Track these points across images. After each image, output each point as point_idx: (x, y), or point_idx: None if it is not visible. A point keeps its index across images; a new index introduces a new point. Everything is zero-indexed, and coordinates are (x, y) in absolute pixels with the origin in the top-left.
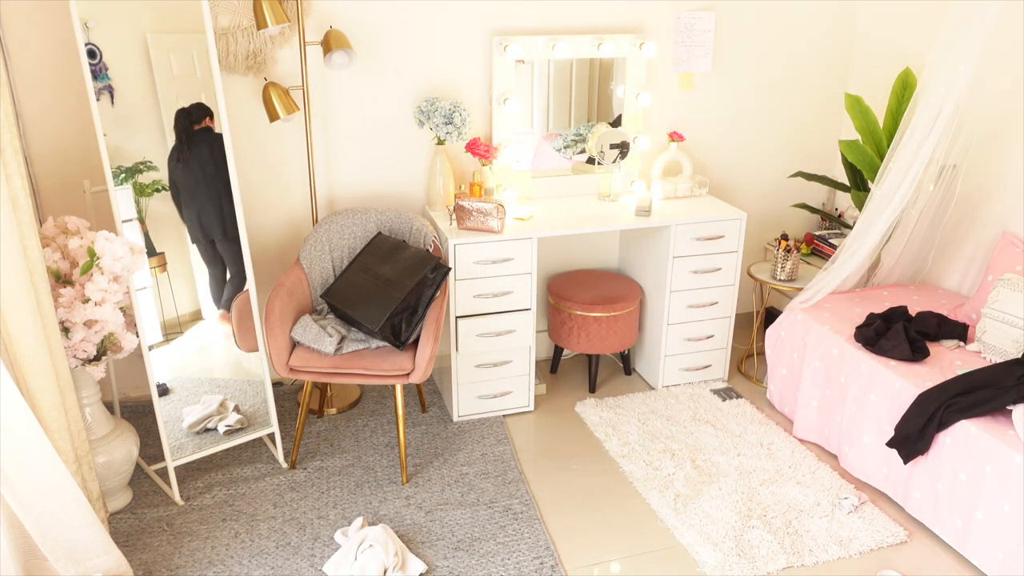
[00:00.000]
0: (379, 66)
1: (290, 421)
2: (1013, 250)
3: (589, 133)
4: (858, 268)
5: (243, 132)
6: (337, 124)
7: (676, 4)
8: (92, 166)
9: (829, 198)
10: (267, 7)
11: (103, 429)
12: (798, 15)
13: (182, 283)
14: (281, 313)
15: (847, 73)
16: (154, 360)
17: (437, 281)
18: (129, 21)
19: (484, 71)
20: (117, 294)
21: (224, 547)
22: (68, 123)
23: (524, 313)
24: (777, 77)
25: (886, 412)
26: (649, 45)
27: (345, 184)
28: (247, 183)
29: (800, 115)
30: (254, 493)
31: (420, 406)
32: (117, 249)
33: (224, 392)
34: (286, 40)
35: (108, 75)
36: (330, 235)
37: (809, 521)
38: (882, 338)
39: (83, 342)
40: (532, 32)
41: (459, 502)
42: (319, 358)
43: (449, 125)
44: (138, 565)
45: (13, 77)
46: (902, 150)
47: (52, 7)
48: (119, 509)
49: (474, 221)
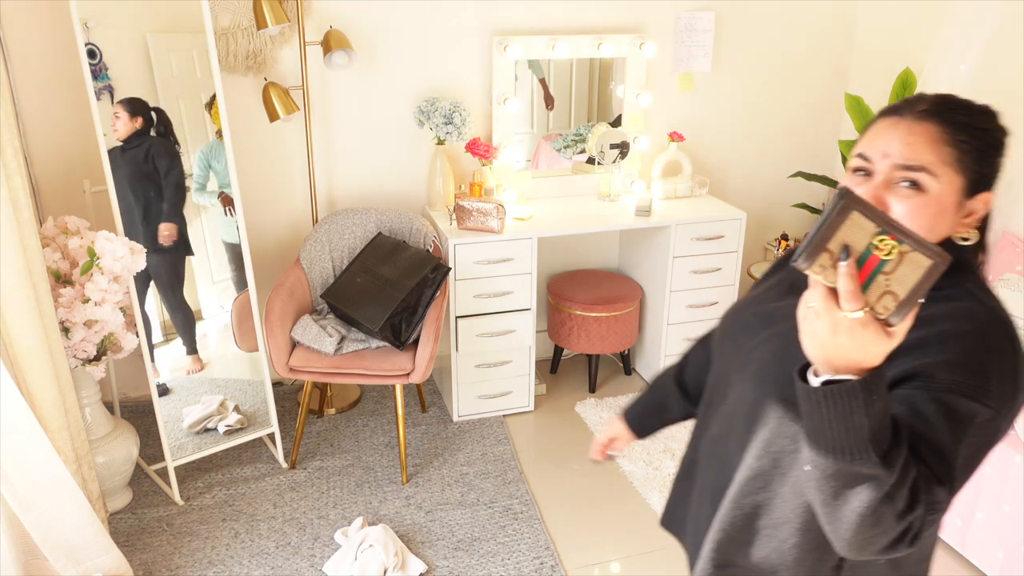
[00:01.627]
0: (379, 66)
1: (290, 421)
2: (1013, 250)
3: (589, 133)
4: None
5: (243, 132)
6: (337, 124)
7: (676, 4)
8: (92, 166)
9: (829, 198)
10: (267, 7)
11: (103, 429)
12: (798, 15)
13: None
14: (281, 313)
15: (847, 73)
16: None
17: (437, 281)
18: (129, 21)
19: (484, 71)
20: (117, 294)
21: (224, 547)
22: (68, 123)
23: (524, 313)
24: (777, 77)
25: None
26: (649, 45)
27: (345, 184)
28: (247, 183)
29: (800, 115)
30: (254, 493)
31: (420, 406)
32: (117, 249)
33: (224, 392)
34: (286, 40)
35: (108, 75)
36: (330, 235)
37: None
38: None
39: (83, 342)
40: (532, 32)
41: (459, 502)
42: (319, 358)
43: (449, 125)
44: (138, 565)
45: (13, 77)
46: None
47: (52, 7)
48: (119, 509)
49: (474, 221)
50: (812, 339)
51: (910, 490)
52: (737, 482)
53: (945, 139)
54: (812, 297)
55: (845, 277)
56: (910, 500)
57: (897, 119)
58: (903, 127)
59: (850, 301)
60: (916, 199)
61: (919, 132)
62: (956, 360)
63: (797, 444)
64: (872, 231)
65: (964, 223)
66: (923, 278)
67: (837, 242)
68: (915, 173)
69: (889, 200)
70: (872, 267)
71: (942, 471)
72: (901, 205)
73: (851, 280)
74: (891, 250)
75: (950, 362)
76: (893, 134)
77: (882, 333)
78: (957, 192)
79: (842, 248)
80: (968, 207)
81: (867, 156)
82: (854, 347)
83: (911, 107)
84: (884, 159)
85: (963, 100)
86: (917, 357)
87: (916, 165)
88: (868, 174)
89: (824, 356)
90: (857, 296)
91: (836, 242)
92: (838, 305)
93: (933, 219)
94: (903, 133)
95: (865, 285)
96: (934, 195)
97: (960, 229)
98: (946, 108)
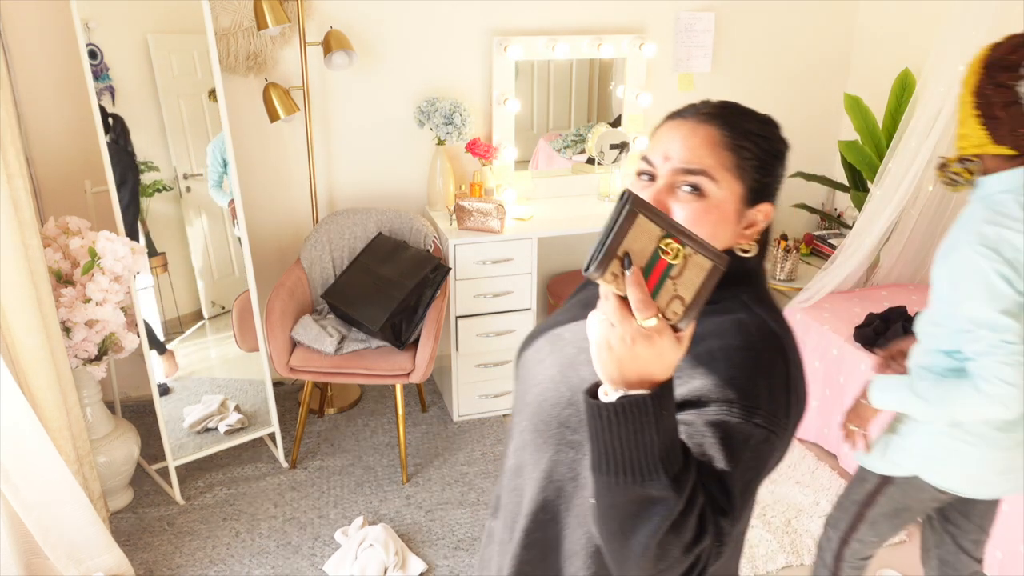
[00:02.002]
0: (379, 66)
1: (290, 421)
2: None
3: (589, 133)
4: (857, 268)
5: (244, 132)
6: (337, 124)
7: (676, 4)
8: (93, 166)
9: (828, 198)
10: (267, 7)
11: (104, 429)
12: (798, 15)
13: (183, 283)
14: (281, 313)
15: (846, 73)
16: (155, 360)
17: (437, 281)
18: (130, 22)
19: (484, 71)
20: (118, 294)
21: (225, 546)
22: (69, 124)
23: (524, 313)
24: (777, 77)
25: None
26: (649, 45)
27: (345, 184)
28: (248, 183)
29: (799, 115)
30: (255, 492)
31: (420, 406)
32: (118, 249)
33: (224, 392)
34: (287, 41)
35: (109, 76)
36: (330, 235)
37: (808, 520)
38: (881, 338)
39: (84, 342)
40: (532, 32)
41: (459, 501)
42: (319, 358)
43: (449, 125)
44: (139, 564)
45: (15, 78)
46: (901, 150)
47: (53, 8)
48: (120, 508)
49: (474, 221)
50: (606, 352)
51: (698, 519)
52: (524, 515)
53: (726, 143)
54: (605, 308)
55: (633, 286)
56: (697, 530)
57: (680, 122)
58: (685, 129)
59: (642, 310)
60: (697, 204)
61: (700, 135)
62: (725, 379)
63: (576, 471)
64: (658, 235)
65: (745, 234)
66: (705, 280)
67: (626, 248)
68: (696, 177)
69: (671, 205)
70: (660, 272)
71: (724, 500)
72: (683, 210)
73: (639, 288)
74: (677, 253)
75: (719, 382)
76: (674, 136)
77: (675, 340)
78: (738, 200)
79: (626, 255)
80: (749, 217)
81: (650, 160)
82: (651, 356)
83: (694, 110)
84: (666, 162)
85: (746, 107)
86: (687, 380)
87: (697, 168)
88: (652, 178)
89: (619, 369)
90: (648, 303)
91: (625, 248)
92: (631, 314)
93: (714, 226)
94: (684, 135)
95: (655, 291)
96: (715, 201)
97: (741, 240)
98: (728, 113)
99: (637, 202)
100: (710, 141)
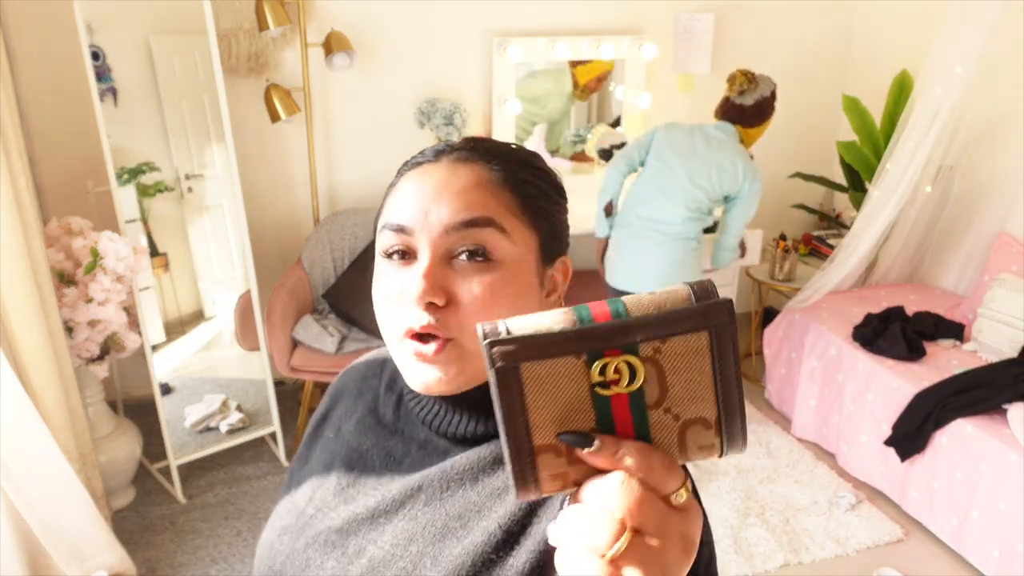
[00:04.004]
0: (380, 68)
1: (291, 420)
2: (1009, 250)
3: (589, 134)
4: (856, 268)
5: (245, 133)
6: (338, 125)
7: (675, 5)
8: (95, 167)
9: (827, 199)
10: (269, 9)
11: (106, 428)
12: (796, 17)
13: (184, 283)
14: (282, 313)
15: (845, 75)
16: (156, 359)
17: None
18: (132, 23)
19: (484, 72)
20: (120, 294)
21: (226, 545)
22: (71, 124)
23: None
24: (775, 78)
25: (883, 411)
26: (648, 46)
27: (346, 184)
28: (249, 184)
29: (798, 116)
30: (256, 491)
31: None
32: (120, 249)
33: (226, 391)
34: (288, 42)
35: (111, 77)
36: (331, 235)
37: (807, 519)
38: (879, 338)
39: (86, 341)
40: (532, 33)
41: None
42: (320, 357)
43: (449, 126)
44: (141, 563)
45: (17, 79)
46: (899, 151)
47: (56, 9)
48: (122, 507)
49: None
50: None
51: None
52: None
53: (501, 180)
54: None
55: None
56: None
57: (430, 166)
58: (443, 172)
59: (667, 478)
60: (490, 276)
61: (466, 174)
62: None
63: None
64: (577, 367)
65: (549, 302)
66: (713, 363)
67: (549, 427)
68: (479, 230)
69: (455, 288)
70: (626, 413)
71: None
72: (471, 291)
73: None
74: (631, 368)
75: None
76: (432, 185)
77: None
78: (535, 256)
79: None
80: (550, 279)
81: (401, 225)
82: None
83: (443, 152)
84: (428, 226)
85: (502, 141)
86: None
87: (479, 217)
88: (406, 255)
89: None
90: (670, 464)
91: (547, 429)
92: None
93: (513, 301)
94: (445, 179)
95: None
96: (511, 264)
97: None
98: (489, 147)
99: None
100: (483, 179)
